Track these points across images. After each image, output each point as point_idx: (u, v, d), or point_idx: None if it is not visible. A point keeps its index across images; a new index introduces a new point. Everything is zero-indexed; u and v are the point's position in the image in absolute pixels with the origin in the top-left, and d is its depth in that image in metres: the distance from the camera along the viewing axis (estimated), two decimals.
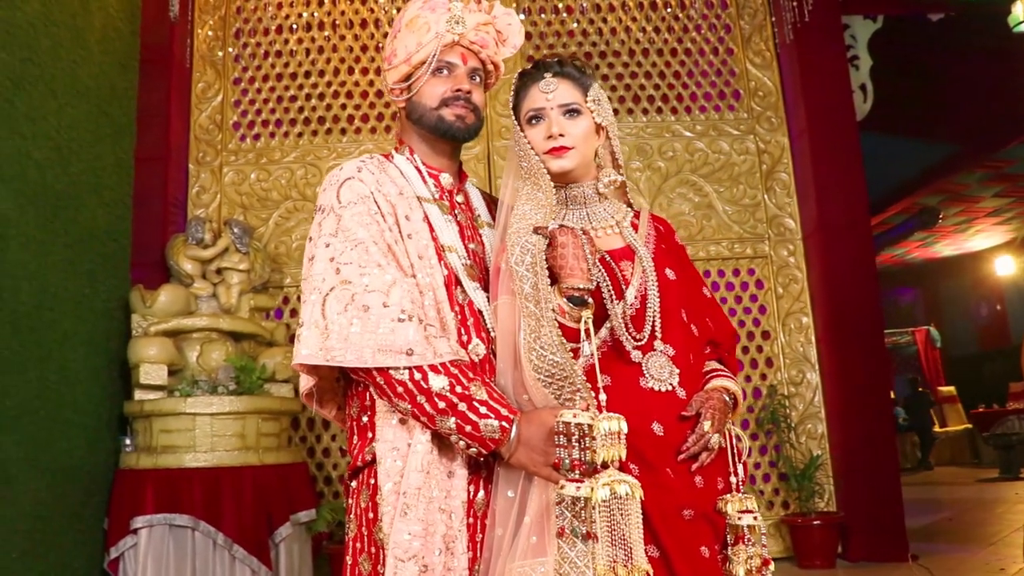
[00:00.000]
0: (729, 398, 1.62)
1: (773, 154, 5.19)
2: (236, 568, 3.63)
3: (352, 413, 1.63)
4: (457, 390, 1.43)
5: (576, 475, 1.31)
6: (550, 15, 5.31)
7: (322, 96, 5.18)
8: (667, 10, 5.36)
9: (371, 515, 1.51)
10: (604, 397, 1.38)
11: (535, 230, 1.51)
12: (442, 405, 1.43)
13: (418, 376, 1.44)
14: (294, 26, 5.25)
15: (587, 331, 1.44)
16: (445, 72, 1.68)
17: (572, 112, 1.64)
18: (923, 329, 14.36)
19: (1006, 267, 13.72)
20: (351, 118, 5.19)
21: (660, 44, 5.32)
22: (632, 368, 1.55)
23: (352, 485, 1.59)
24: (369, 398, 1.56)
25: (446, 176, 1.75)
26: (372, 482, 1.52)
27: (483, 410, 1.43)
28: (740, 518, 1.54)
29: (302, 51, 5.22)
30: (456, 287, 1.60)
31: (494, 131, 5.05)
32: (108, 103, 4.16)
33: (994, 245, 13.59)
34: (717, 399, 1.57)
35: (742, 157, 5.17)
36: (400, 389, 1.45)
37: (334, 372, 1.62)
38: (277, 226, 5.00)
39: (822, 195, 4.93)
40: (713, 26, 5.35)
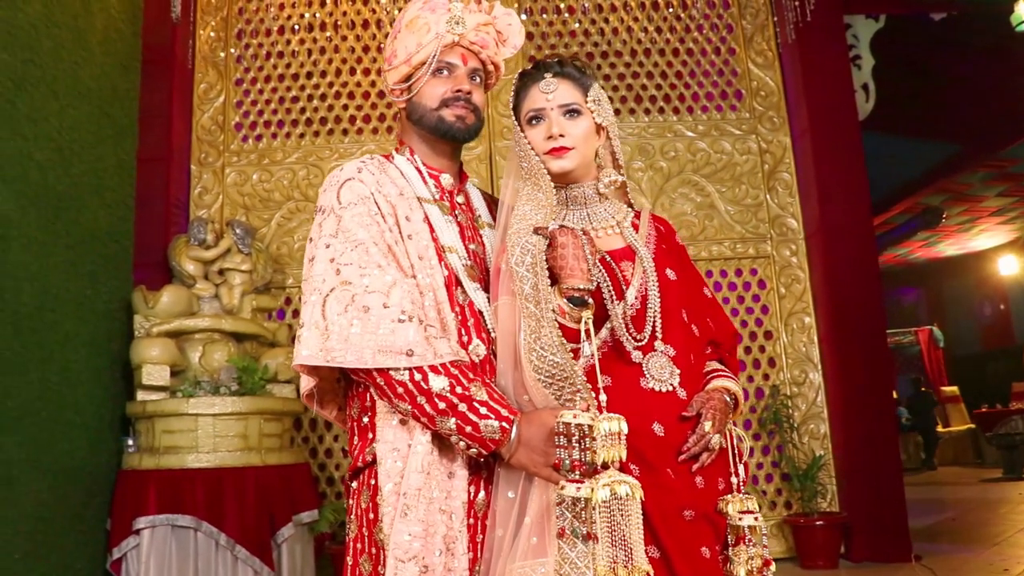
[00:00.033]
0: (730, 398, 1.61)
1: (775, 154, 5.18)
2: (238, 569, 3.64)
3: (352, 414, 1.63)
4: (457, 391, 1.43)
5: (576, 476, 1.31)
6: (551, 15, 5.31)
7: (324, 97, 5.19)
8: (669, 10, 5.36)
9: (371, 516, 1.51)
10: (604, 398, 1.37)
11: (535, 230, 1.51)
12: (442, 406, 1.43)
13: (418, 377, 1.44)
14: (296, 27, 5.25)
15: (587, 331, 1.44)
16: (445, 73, 1.68)
17: (572, 112, 1.64)
18: (926, 329, 14.33)
19: (1009, 267, 13.70)
20: (353, 119, 5.19)
21: (662, 44, 5.31)
22: (632, 368, 1.55)
23: (353, 486, 1.59)
24: (370, 399, 1.56)
25: (446, 177, 1.75)
26: (372, 483, 1.52)
27: (483, 411, 1.43)
28: (741, 519, 1.54)
29: (304, 52, 5.22)
30: (456, 288, 1.60)
31: (496, 131, 5.05)
32: (110, 104, 4.17)
33: (997, 245, 13.57)
34: (718, 399, 1.57)
35: (744, 157, 5.17)
36: (400, 390, 1.45)
37: (335, 373, 1.62)
38: (279, 227, 5.00)
39: (824, 195, 4.93)
40: (715, 26, 5.34)
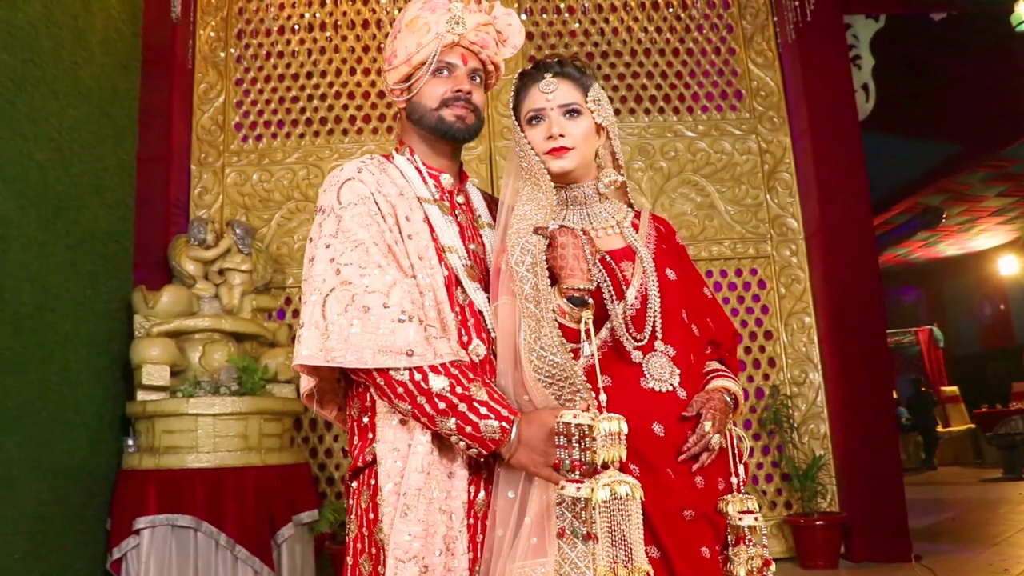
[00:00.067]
0: (730, 398, 1.61)
1: (775, 154, 5.18)
2: (238, 569, 3.64)
3: (353, 414, 1.63)
4: (457, 391, 1.43)
5: (576, 476, 1.31)
6: (552, 15, 5.30)
7: (324, 97, 5.18)
8: (669, 10, 5.35)
9: (371, 516, 1.51)
10: (604, 398, 1.37)
11: (535, 230, 1.51)
12: (442, 406, 1.43)
13: (418, 377, 1.44)
14: (296, 27, 5.25)
15: (587, 331, 1.44)
16: (445, 73, 1.68)
17: (572, 112, 1.64)
18: (926, 329, 14.34)
19: (1010, 267, 13.71)
20: (353, 119, 5.19)
21: (662, 44, 5.31)
22: (632, 368, 1.54)
23: (353, 486, 1.59)
24: (370, 399, 1.56)
25: (446, 177, 1.75)
26: (372, 483, 1.52)
27: (483, 411, 1.43)
28: (741, 519, 1.54)
29: (304, 52, 5.22)
30: (456, 288, 1.60)
31: (496, 131, 5.05)
32: (110, 104, 4.17)
33: (998, 245, 13.57)
34: (718, 399, 1.57)
35: (744, 157, 5.17)
36: (400, 390, 1.44)
37: (335, 373, 1.62)
38: (279, 227, 5.00)
39: (824, 195, 4.93)
40: (715, 26, 5.34)
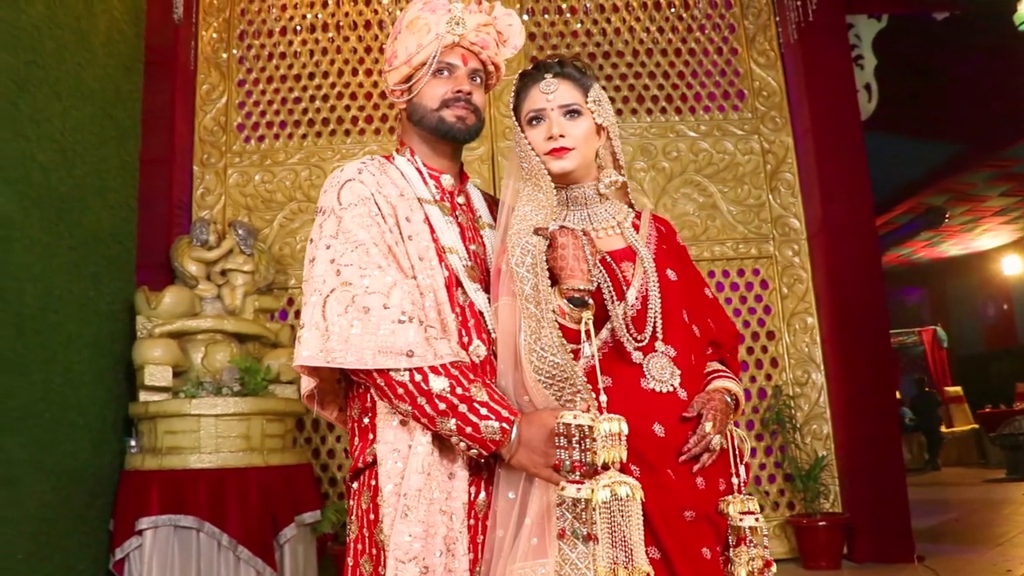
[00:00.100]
0: (731, 399, 1.61)
1: (777, 154, 5.17)
2: (241, 569, 3.64)
3: (353, 415, 1.63)
4: (458, 391, 1.43)
5: (577, 476, 1.31)
6: (553, 15, 5.30)
7: (326, 98, 5.19)
8: (671, 10, 5.35)
9: (372, 516, 1.51)
10: (605, 398, 1.37)
11: (535, 231, 1.51)
12: (442, 407, 1.43)
13: (418, 378, 1.44)
14: (298, 28, 5.26)
15: (587, 332, 1.44)
16: (445, 73, 1.68)
17: (573, 113, 1.64)
18: (930, 329, 14.33)
19: (1013, 266, 13.67)
20: (355, 119, 5.19)
21: (664, 44, 5.31)
22: (633, 369, 1.54)
23: (353, 487, 1.59)
24: (370, 400, 1.56)
25: (447, 177, 1.75)
26: (373, 483, 1.52)
27: (484, 411, 1.43)
28: (742, 519, 1.54)
29: (306, 53, 5.23)
30: (457, 288, 1.60)
31: (498, 132, 5.04)
32: (112, 105, 4.17)
33: (1001, 244, 13.53)
34: (719, 400, 1.57)
35: (746, 157, 5.16)
36: (400, 391, 1.45)
37: (335, 374, 1.62)
38: (281, 227, 5.00)
39: (827, 195, 4.92)
40: (717, 26, 5.34)
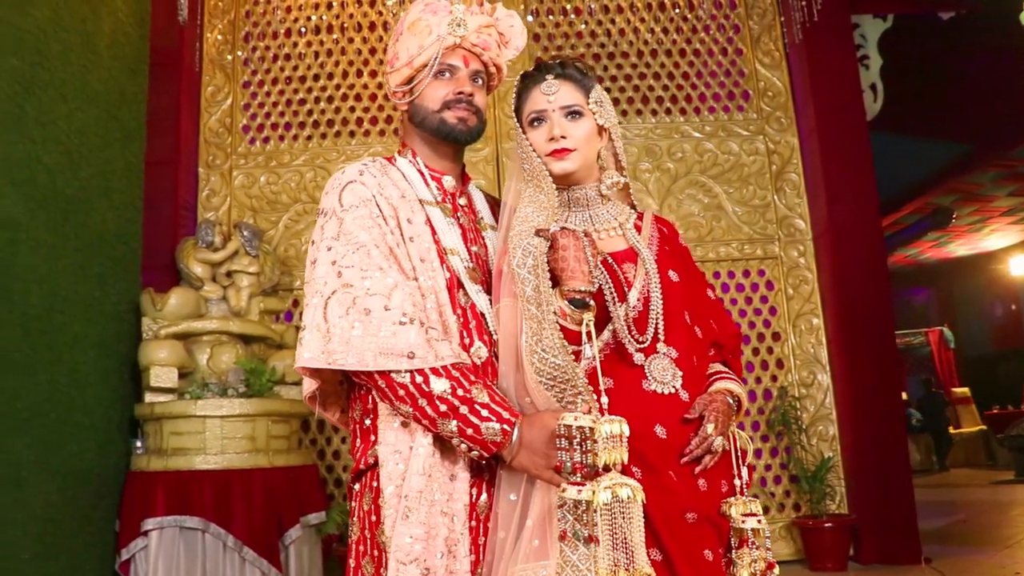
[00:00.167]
0: (733, 400, 1.60)
1: (783, 154, 5.16)
2: (246, 570, 3.65)
3: (355, 416, 1.63)
4: (459, 393, 1.43)
5: (578, 478, 1.31)
6: (558, 16, 5.30)
7: (331, 99, 5.20)
8: (675, 11, 5.34)
9: (373, 518, 1.51)
10: (606, 400, 1.37)
11: (537, 232, 1.51)
12: (443, 408, 1.43)
13: (419, 379, 1.44)
14: (303, 29, 5.27)
15: (589, 334, 1.43)
16: (447, 75, 1.68)
17: (574, 114, 1.64)
18: (937, 330, 14.28)
19: (1021, 267, 13.61)
20: (360, 120, 5.20)
21: (669, 45, 5.30)
22: (635, 370, 1.54)
23: (355, 488, 1.59)
24: (371, 401, 1.56)
25: (448, 179, 1.75)
26: (375, 485, 1.52)
27: (485, 413, 1.43)
28: (744, 521, 1.53)
29: (311, 54, 5.24)
30: (458, 290, 1.60)
31: (503, 133, 5.04)
32: (118, 107, 4.19)
33: (1009, 245, 13.48)
34: (721, 401, 1.56)
35: (752, 158, 5.15)
36: (401, 392, 1.45)
37: (337, 375, 1.62)
38: (287, 229, 5.01)
39: (832, 195, 4.91)
40: (722, 26, 5.33)
